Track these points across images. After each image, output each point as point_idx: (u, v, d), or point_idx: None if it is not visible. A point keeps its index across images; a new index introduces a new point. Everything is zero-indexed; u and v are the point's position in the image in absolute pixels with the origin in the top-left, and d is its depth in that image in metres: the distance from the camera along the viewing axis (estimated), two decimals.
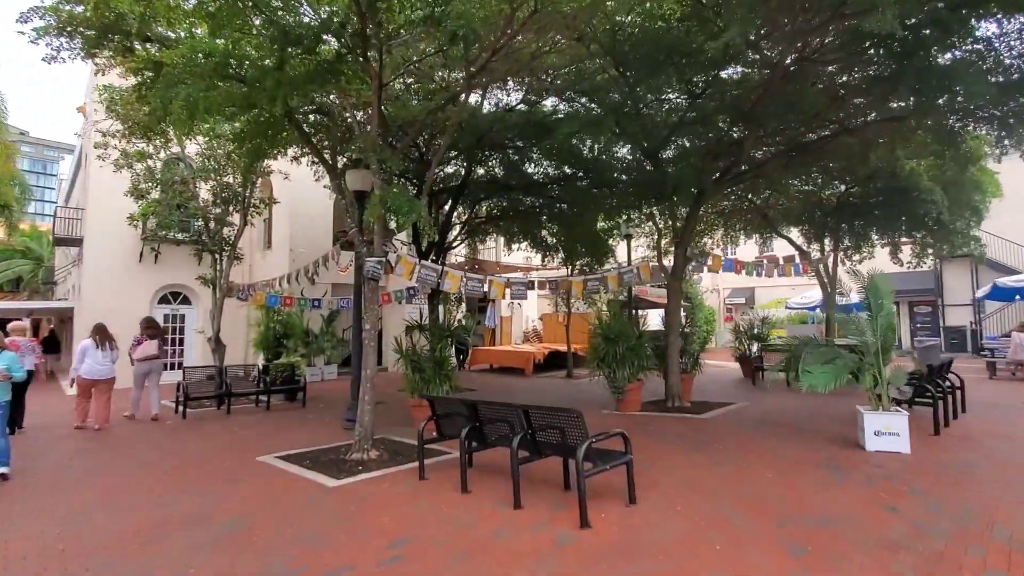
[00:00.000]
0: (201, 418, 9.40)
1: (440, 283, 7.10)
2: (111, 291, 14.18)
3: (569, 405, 10.64)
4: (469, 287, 7.37)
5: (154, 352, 9.34)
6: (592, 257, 14.19)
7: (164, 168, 10.93)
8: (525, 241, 14.96)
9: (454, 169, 12.64)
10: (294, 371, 11.29)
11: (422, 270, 6.97)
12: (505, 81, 10.36)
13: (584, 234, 13.04)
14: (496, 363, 17.70)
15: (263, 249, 17.01)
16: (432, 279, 7.04)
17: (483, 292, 7.60)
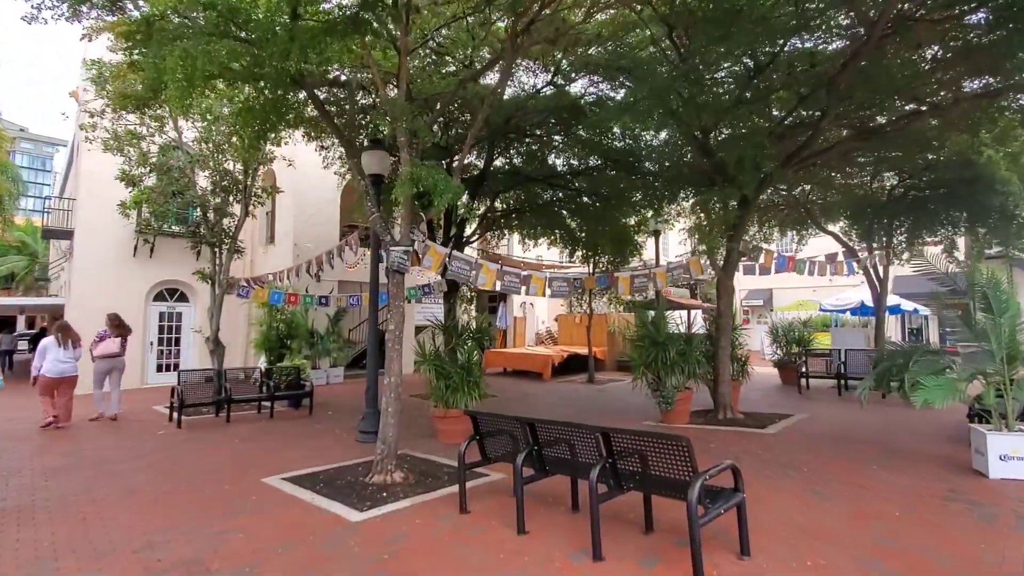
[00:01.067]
0: (198, 427, 8.45)
1: (473, 278, 6.16)
2: (102, 287, 13.22)
3: (603, 415, 9.81)
4: (506, 283, 6.45)
5: (115, 350, 8.90)
6: (618, 254, 13.25)
7: (160, 153, 9.99)
8: (546, 237, 14.01)
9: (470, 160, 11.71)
10: (299, 375, 10.34)
11: (454, 263, 6.03)
12: (535, 59, 9.46)
13: (611, 229, 12.09)
14: (511, 366, 16.75)
15: (265, 244, 16.06)
16: (465, 273, 6.11)
17: (520, 289, 6.68)
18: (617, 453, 3.66)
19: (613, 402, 11.13)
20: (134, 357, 13.58)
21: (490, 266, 6.32)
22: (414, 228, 5.75)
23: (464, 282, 6.16)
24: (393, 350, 5.66)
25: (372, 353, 7.74)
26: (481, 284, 6.26)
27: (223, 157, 10.25)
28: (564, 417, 8.72)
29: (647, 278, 8.06)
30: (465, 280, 6.14)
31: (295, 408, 10.20)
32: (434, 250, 5.91)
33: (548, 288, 6.90)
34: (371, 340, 7.80)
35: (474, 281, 6.17)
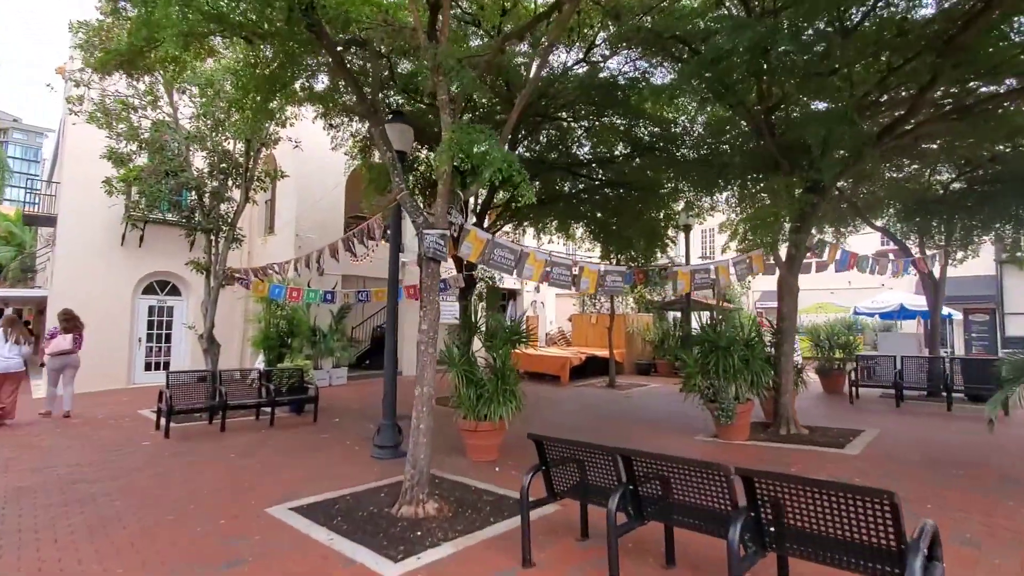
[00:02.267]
0: (188, 436, 7.44)
1: (517, 270, 5.19)
2: (87, 278, 12.17)
3: (641, 427, 8.81)
4: (554, 277, 5.48)
5: (67, 347, 8.56)
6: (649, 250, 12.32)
7: (152, 129, 8.96)
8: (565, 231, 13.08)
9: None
10: (303, 377, 9.34)
11: (496, 251, 5.06)
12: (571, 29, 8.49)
13: (640, 223, 11.14)
14: (525, 368, 15.74)
15: (264, 234, 15.02)
16: (508, 264, 5.14)
17: (568, 284, 5.72)
18: (765, 503, 2.69)
19: (645, 411, 10.18)
20: (120, 355, 12.57)
21: (537, 256, 5.35)
22: (452, 208, 4.77)
23: (509, 272, 5.17)
24: (426, 354, 4.69)
25: (390, 355, 6.76)
26: (527, 277, 5.30)
27: (222, 135, 9.23)
28: (595, 428, 7.76)
29: (707, 273, 7.10)
30: (509, 271, 5.16)
31: (297, 414, 9.21)
32: (475, 235, 4.93)
33: (601, 283, 5.93)
34: (389, 340, 6.83)
35: (518, 273, 5.20)
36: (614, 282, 6.01)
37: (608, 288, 5.98)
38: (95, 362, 12.08)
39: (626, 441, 7.22)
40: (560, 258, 5.56)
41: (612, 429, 8.28)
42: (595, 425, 8.63)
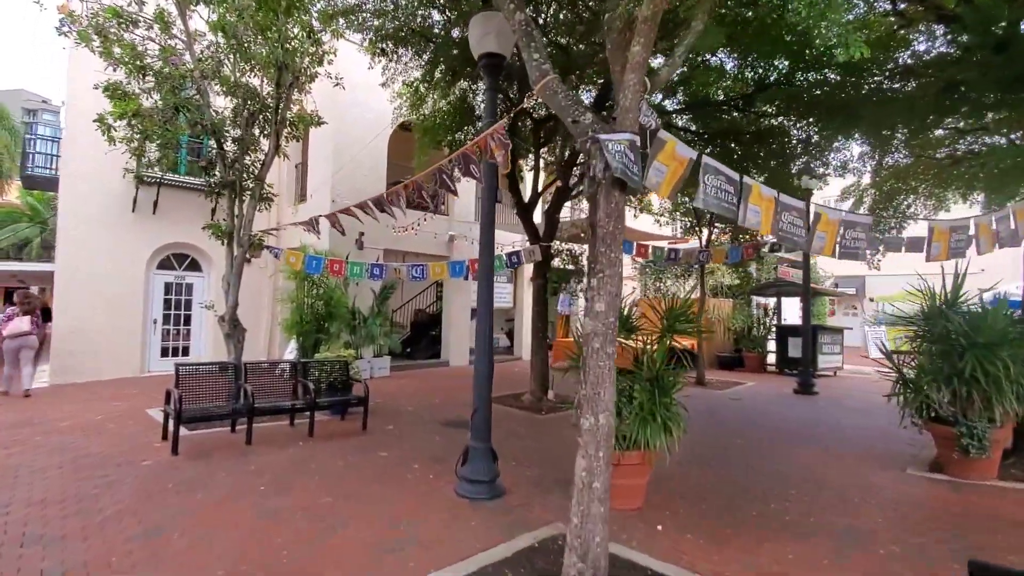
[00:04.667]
0: (204, 452, 5.56)
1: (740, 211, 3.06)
2: (94, 250, 10.44)
3: (806, 451, 5.88)
4: (784, 228, 3.33)
5: (26, 329, 8.45)
6: None
7: (161, 53, 6.98)
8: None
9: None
10: (347, 371, 7.41)
11: (709, 179, 2.92)
12: None
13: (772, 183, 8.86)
14: None
15: (295, 202, 13.13)
16: (726, 202, 2.99)
17: (800, 240, 3.56)
18: None
19: (781, 421, 8.02)
20: (133, 339, 10.88)
21: (763, 191, 3.22)
22: (645, 97, 2.66)
23: (724, 214, 3.04)
24: (602, 356, 2.61)
25: (483, 347, 4.73)
26: (751, 225, 3.18)
27: (247, 63, 7.24)
28: (743, 452, 5.41)
29: (966, 232, 4.86)
30: (726, 211, 3.04)
31: (341, 418, 7.30)
32: (673, 149, 2.81)
33: (838, 242, 3.78)
34: (482, 329, 4.77)
35: (741, 217, 3.08)
36: (856, 240, 3.86)
37: (847, 249, 3.83)
38: (104, 347, 10.41)
39: (814, 480, 5.11)
40: (790, 200, 3.41)
41: (769, 453, 6.17)
42: (736, 445, 6.52)
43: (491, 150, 3.41)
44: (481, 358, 4.69)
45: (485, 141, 3.44)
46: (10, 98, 27.42)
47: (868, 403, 9.61)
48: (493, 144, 3.36)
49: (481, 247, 4.81)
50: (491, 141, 3.35)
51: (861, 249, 3.79)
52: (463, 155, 3.65)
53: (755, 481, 5.06)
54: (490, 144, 3.42)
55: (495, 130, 3.37)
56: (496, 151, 3.43)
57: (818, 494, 4.75)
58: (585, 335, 2.69)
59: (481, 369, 4.66)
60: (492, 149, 3.45)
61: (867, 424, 7.79)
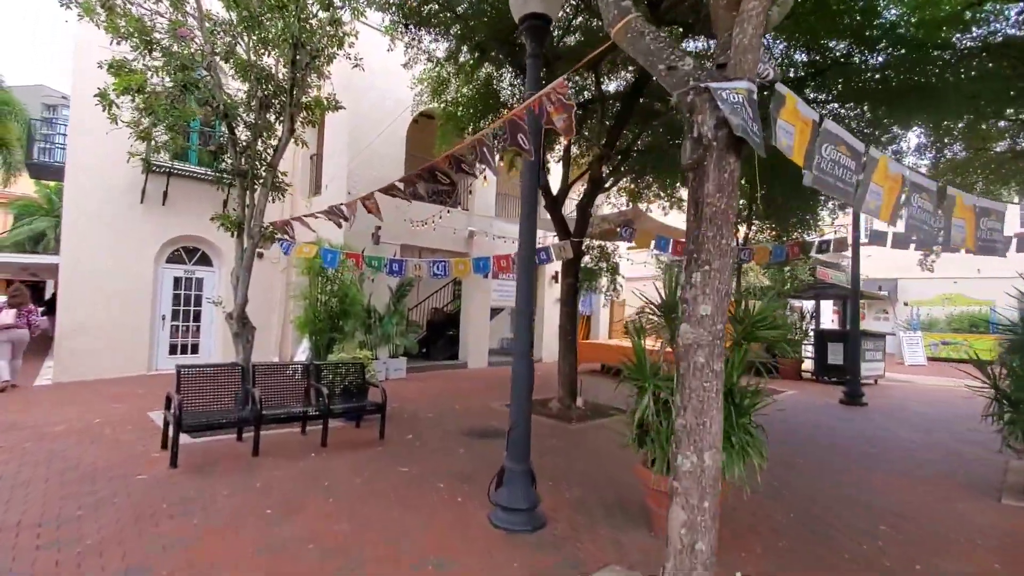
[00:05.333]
0: (206, 463, 5.01)
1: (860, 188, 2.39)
2: (100, 242, 9.99)
3: (875, 473, 4.93)
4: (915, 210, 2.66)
5: (10, 322, 8.52)
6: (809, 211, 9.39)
7: (170, 28, 6.44)
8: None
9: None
10: (364, 373, 6.84)
11: (825, 147, 2.26)
12: None
13: None
14: (612, 361, 13.04)
15: (309, 195, 12.61)
16: (844, 176, 2.34)
17: (931, 224, 2.89)
18: None
19: (841, 437, 7.30)
20: (140, 335, 10.41)
21: (892, 168, 2.55)
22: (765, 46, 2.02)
23: (839, 196, 2.39)
24: (707, 376, 1.98)
25: (523, 349, 4.11)
26: (870, 209, 2.51)
27: (260, 41, 6.68)
28: (812, 473, 4.67)
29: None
30: (842, 191, 2.39)
31: (355, 424, 6.73)
32: (794, 107, 2.16)
33: (976, 233, 3.10)
34: (522, 331, 4.16)
35: (858, 200, 2.42)
36: (992, 231, 3.17)
37: (984, 243, 3.15)
38: (110, 344, 9.96)
39: (900, 511, 4.42)
40: (922, 179, 2.75)
41: (837, 476, 5.48)
42: (798, 465, 5.83)
43: (548, 114, 2.78)
44: (521, 365, 4.06)
45: (539, 103, 2.81)
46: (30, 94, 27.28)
47: (924, 416, 8.84)
48: (551, 106, 2.73)
49: (521, 237, 4.18)
50: (549, 102, 2.72)
51: (999, 242, 3.10)
52: (511, 122, 3.02)
53: (833, 512, 4.39)
54: (547, 107, 2.79)
55: (555, 88, 2.74)
56: (555, 114, 2.80)
57: (910, 530, 4.07)
58: (685, 347, 2.06)
59: (520, 379, 4.04)
60: (550, 113, 2.82)
61: (932, 442, 7.06)
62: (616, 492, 4.64)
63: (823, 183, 2.32)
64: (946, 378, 14.48)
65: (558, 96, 2.77)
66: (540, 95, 2.80)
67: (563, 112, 2.78)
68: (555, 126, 2.90)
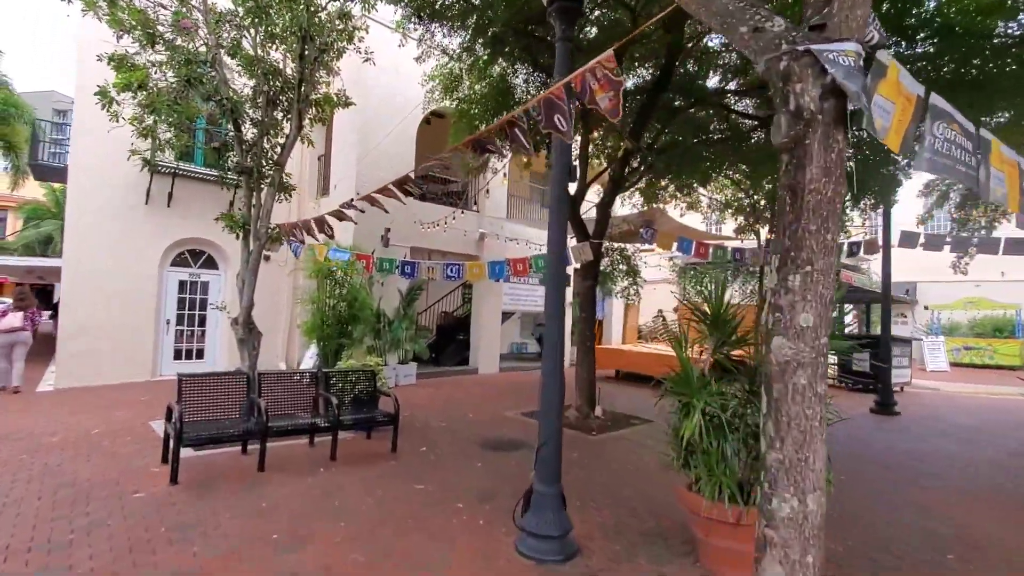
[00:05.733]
0: (208, 479, 4.69)
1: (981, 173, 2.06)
2: (104, 245, 9.73)
3: (961, 502, 4.16)
4: None
5: (16, 324, 8.55)
6: None
7: (174, 17, 6.15)
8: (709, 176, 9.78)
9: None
10: (375, 381, 6.49)
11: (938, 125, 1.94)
12: None
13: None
14: (630, 369, 12.67)
15: (316, 196, 12.32)
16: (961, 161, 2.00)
17: None
18: None
19: (884, 451, 6.89)
20: (144, 340, 10.14)
21: (1005, 153, 2.20)
22: None
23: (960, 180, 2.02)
24: (809, 402, 1.61)
25: (553, 368, 3.75)
26: (997, 197, 2.16)
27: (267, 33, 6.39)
28: (897, 502, 4.35)
29: None
30: (962, 178, 2.04)
31: (366, 435, 6.38)
32: (896, 80, 1.82)
33: None
34: (553, 338, 3.81)
35: (983, 186, 2.07)
36: None
37: None
38: (113, 349, 9.69)
39: (969, 537, 4.02)
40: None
41: (889, 495, 5.08)
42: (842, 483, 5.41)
43: (591, 92, 2.43)
44: (551, 377, 3.71)
45: (581, 79, 2.46)
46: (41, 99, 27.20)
47: (963, 427, 8.40)
48: (596, 83, 2.39)
49: (551, 235, 3.84)
50: (593, 78, 2.38)
51: None
52: (546, 101, 2.68)
53: (896, 537, 3.99)
54: (590, 83, 2.45)
55: (601, 61, 2.39)
56: (600, 92, 2.45)
57: (987, 559, 3.67)
58: (781, 365, 1.70)
59: (551, 392, 3.68)
60: (593, 91, 2.47)
61: (981, 456, 6.64)
62: (652, 515, 4.27)
63: (940, 167, 1.96)
64: (972, 384, 13.99)
65: (604, 72, 2.42)
66: (584, 70, 2.46)
67: (609, 89, 2.43)
68: (598, 106, 2.55)
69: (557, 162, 3.78)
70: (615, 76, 2.40)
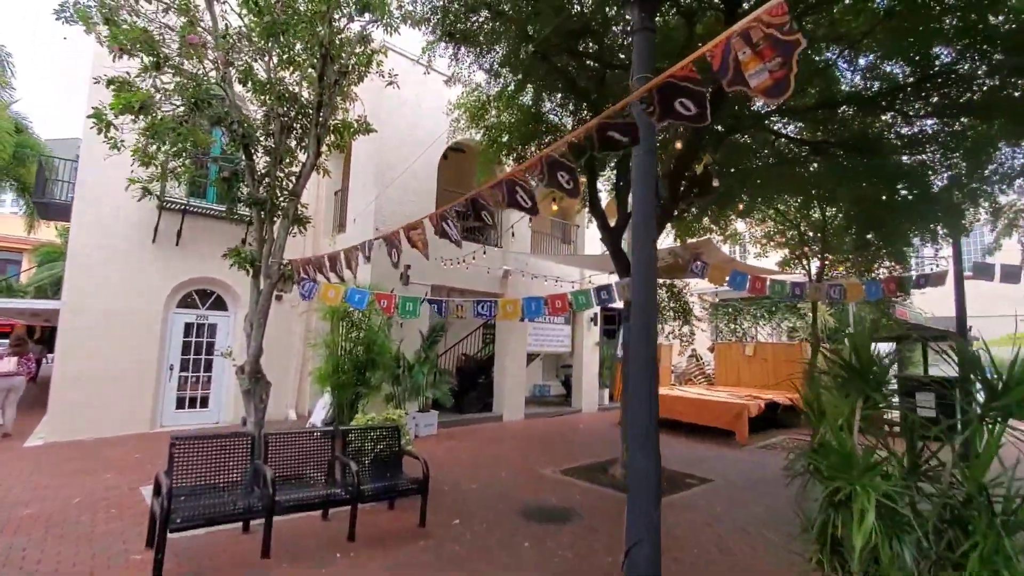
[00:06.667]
0: (198, 571, 3.79)
1: None
2: (107, 285, 9.11)
3: None
4: None
5: (10, 370, 8.52)
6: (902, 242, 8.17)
7: (181, 32, 5.61)
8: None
9: None
10: (399, 439, 5.60)
11: None
12: None
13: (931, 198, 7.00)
14: (661, 414, 11.61)
15: (332, 233, 11.73)
16: None
17: None
18: None
19: None
20: (145, 388, 9.38)
21: None
22: None
23: None
24: None
25: (646, 440, 2.91)
26: None
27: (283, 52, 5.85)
28: None
29: None
30: None
31: (388, 505, 5.47)
32: None
33: None
34: (641, 399, 2.98)
35: None
36: None
37: None
38: (111, 398, 8.91)
39: None
40: None
41: None
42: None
43: (735, 67, 1.68)
44: (645, 454, 2.85)
45: (722, 51, 1.71)
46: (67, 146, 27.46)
47: None
48: (747, 52, 1.64)
49: (635, 261, 3.06)
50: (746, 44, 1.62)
51: None
52: (667, 88, 1.93)
53: None
54: (735, 56, 1.69)
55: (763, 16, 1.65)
56: (753, 64, 1.69)
57: None
58: None
59: (644, 476, 2.82)
60: (741, 64, 1.72)
61: None
62: None
63: None
64: None
65: (767, 31, 1.68)
66: (738, 28, 1.72)
67: (774, 56, 1.69)
68: (748, 86, 1.80)
69: (641, 174, 3.03)
70: (787, 33, 1.66)
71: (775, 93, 1.79)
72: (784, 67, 1.72)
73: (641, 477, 2.83)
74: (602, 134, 2.33)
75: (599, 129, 2.32)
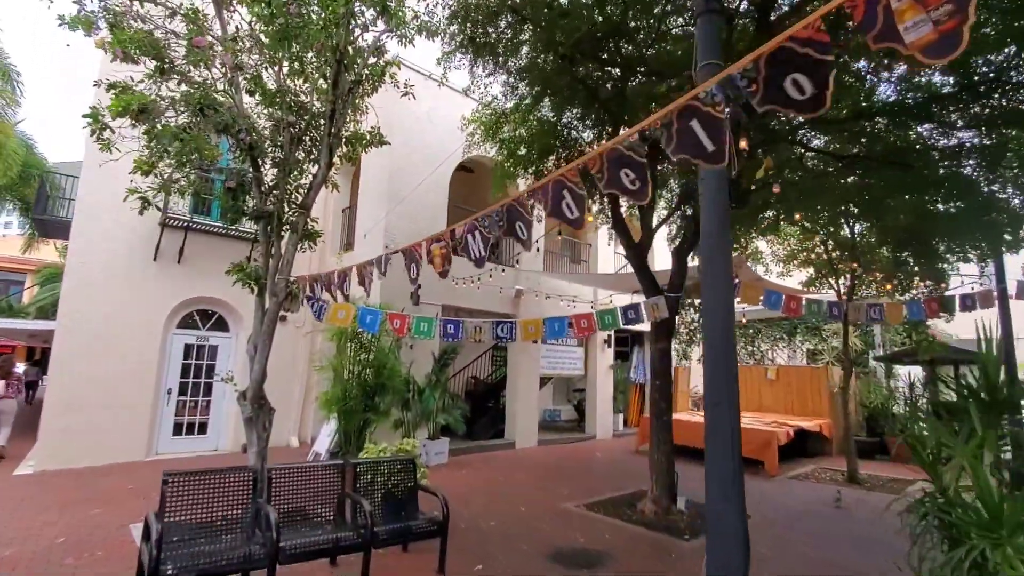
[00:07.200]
0: None
1: None
2: (104, 305, 8.71)
3: None
4: None
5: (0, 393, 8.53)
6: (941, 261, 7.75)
7: (188, 37, 5.30)
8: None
9: None
10: (415, 473, 5.11)
11: None
12: None
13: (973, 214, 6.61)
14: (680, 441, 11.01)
15: (340, 251, 11.36)
16: None
17: None
18: None
19: None
20: (140, 413, 8.90)
21: None
22: None
23: None
24: None
25: (731, 495, 2.43)
26: None
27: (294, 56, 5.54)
28: None
29: None
30: None
31: (402, 548, 4.95)
32: None
33: None
34: (720, 430, 2.50)
35: None
36: None
37: None
38: (105, 424, 8.44)
39: None
40: None
41: None
42: None
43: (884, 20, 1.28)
44: (728, 513, 2.38)
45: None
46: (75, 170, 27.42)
47: None
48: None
49: (704, 274, 2.63)
50: None
51: None
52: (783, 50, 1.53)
53: None
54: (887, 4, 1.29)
55: None
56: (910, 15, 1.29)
57: None
58: None
59: (728, 549, 2.34)
60: (894, 16, 1.31)
61: None
62: None
63: None
64: None
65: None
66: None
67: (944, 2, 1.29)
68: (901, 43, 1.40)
69: (712, 176, 2.63)
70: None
71: (939, 52, 1.39)
72: (956, 16, 1.33)
73: (726, 550, 2.35)
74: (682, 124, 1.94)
75: (681, 121, 1.93)
